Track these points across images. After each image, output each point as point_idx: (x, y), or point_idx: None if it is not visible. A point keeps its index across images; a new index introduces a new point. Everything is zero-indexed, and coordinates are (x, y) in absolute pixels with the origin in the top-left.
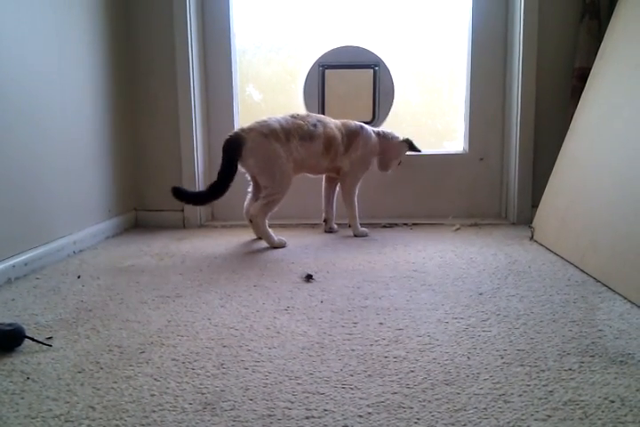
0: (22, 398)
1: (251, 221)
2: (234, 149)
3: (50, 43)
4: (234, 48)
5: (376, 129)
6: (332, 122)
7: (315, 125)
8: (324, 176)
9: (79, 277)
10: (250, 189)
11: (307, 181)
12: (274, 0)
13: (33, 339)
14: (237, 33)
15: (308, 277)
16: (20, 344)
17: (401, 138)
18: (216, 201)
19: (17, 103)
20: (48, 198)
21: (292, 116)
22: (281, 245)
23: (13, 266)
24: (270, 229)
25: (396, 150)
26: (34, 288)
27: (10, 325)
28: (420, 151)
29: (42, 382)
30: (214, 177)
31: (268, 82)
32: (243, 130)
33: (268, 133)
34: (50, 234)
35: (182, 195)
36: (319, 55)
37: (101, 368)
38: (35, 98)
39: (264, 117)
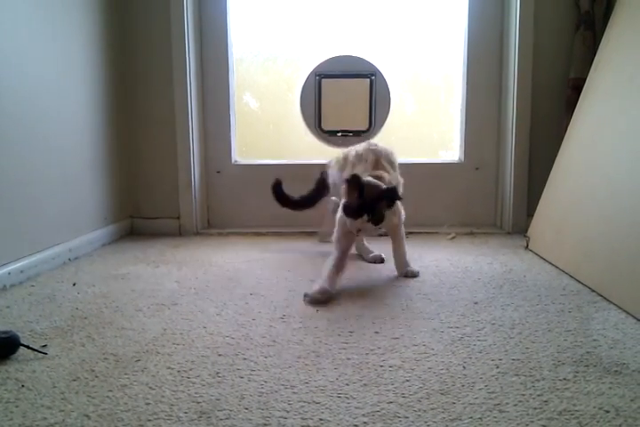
0: (17, 407)
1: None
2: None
3: (48, 52)
4: (231, 57)
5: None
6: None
7: None
8: None
9: (74, 284)
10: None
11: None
12: (271, 9)
13: (28, 347)
14: (234, 41)
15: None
16: (14, 352)
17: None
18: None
19: (15, 112)
20: (44, 206)
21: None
22: None
23: (9, 273)
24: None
25: None
26: (29, 296)
27: (5, 332)
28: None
29: (36, 390)
30: (212, 183)
31: (264, 90)
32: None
33: None
34: (45, 241)
35: (281, 196)
36: (316, 64)
37: (96, 376)
38: (32, 106)
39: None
